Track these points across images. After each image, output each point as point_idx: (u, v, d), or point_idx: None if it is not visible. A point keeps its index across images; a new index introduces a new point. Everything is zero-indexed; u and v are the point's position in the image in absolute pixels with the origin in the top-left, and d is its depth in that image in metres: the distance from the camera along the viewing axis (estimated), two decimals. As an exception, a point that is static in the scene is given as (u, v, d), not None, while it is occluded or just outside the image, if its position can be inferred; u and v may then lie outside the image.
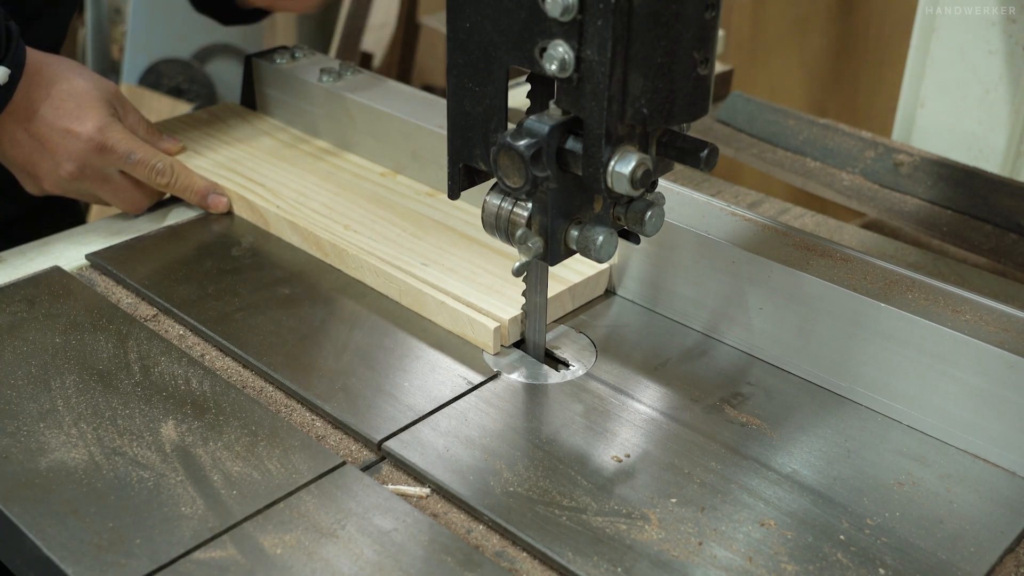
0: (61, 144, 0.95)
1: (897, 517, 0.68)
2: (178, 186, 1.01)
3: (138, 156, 0.98)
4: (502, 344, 0.83)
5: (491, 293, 0.86)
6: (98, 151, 0.96)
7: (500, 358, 0.82)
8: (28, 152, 0.96)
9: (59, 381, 0.77)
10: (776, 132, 1.25)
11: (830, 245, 0.82)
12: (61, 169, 0.96)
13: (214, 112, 1.19)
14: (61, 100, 0.95)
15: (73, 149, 0.95)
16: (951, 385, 0.73)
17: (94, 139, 0.96)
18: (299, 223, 0.96)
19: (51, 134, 0.95)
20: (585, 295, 0.89)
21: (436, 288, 0.86)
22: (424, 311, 0.87)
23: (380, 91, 1.09)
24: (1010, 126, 1.23)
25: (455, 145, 0.72)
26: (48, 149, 0.96)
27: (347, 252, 0.92)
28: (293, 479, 0.69)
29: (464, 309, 0.83)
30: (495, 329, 0.82)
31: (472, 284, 0.87)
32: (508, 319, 0.82)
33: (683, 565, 0.63)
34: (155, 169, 0.99)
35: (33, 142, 0.96)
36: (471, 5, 0.67)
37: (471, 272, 0.89)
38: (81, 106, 0.96)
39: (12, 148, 0.97)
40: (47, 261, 0.94)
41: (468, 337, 0.83)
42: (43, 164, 0.97)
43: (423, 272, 0.88)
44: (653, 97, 0.62)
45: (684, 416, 0.76)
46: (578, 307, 0.89)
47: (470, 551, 0.64)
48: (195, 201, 1.02)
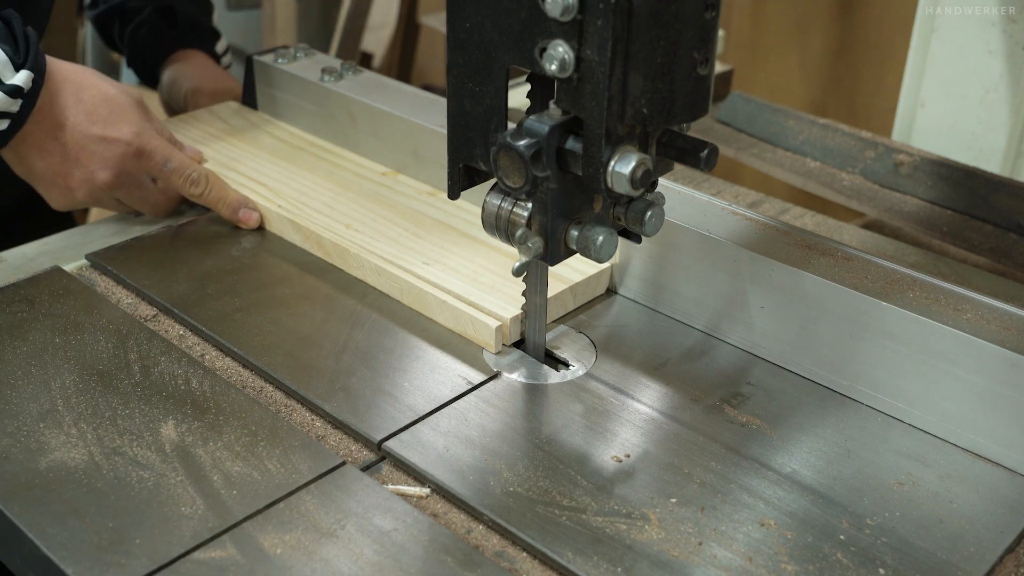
0: (97, 151, 0.93)
1: (897, 517, 0.68)
2: (211, 197, 0.99)
3: (174, 164, 0.96)
4: (504, 343, 0.83)
5: (492, 292, 0.86)
6: (136, 157, 0.94)
7: (500, 358, 0.82)
8: (59, 162, 0.93)
9: (59, 381, 0.77)
10: (776, 132, 1.25)
11: (831, 244, 0.82)
12: (97, 178, 0.94)
13: (215, 111, 1.19)
14: (93, 106, 0.93)
15: (110, 156, 0.93)
16: (952, 384, 0.73)
17: (132, 144, 0.94)
18: (300, 222, 0.96)
19: (86, 142, 0.93)
20: (587, 294, 0.89)
21: (438, 287, 0.86)
22: (426, 310, 0.87)
23: (381, 91, 1.09)
24: (1010, 126, 1.23)
25: (455, 145, 0.72)
26: (82, 158, 0.93)
27: (348, 251, 0.92)
28: (293, 479, 0.69)
29: (466, 308, 0.84)
30: (497, 328, 0.82)
31: (473, 283, 0.87)
32: (510, 318, 0.82)
33: (683, 565, 0.63)
34: (190, 179, 0.97)
35: (64, 151, 0.93)
36: (471, 5, 0.67)
37: (472, 271, 0.89)
38: (114, 112, 0.94)
39: (41, 159, 0.93)
40: (47, 261, 0.94)
41: (470, 336, 0.83)
42: (76, 173, 0.94)
43: (425, 271, 0.88)
44: (653, 97, 0.62)
45: (684, 416, 0.76)
46: (579, 306, 0.89)
47: (470, 551, 0.64)
48: (226, 214, 0.99)
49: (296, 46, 1.20)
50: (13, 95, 0.87)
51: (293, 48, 1.19)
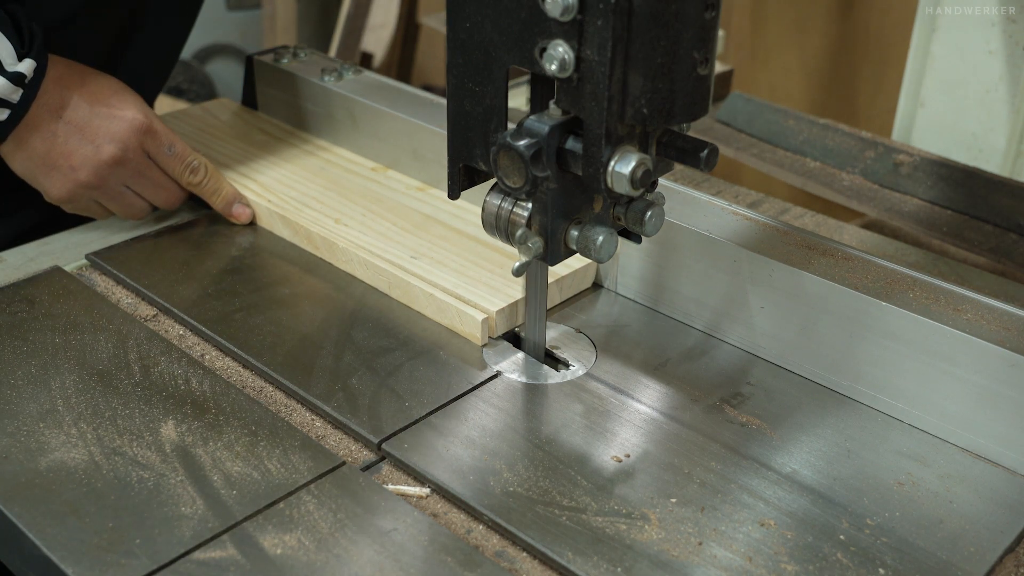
0: (103, 125, 0.92)
1: (897, 517, 0.68)
2: (208, 187, 0.99)
3: (177, 149, 0.96)
4: (490, 336, 0.83)
5: (479, 285, 0.86)
6: (143, 133, 0.94)
7: (500, 358, 0.82)
8: (62, 141, 0.92)
9: (59, 381, 0.77)
10: (776, 132, 1.25)
11: (831, 244, 0.82)
12: (102, 152, 0.92)
13: (207, 108, 1.19)
14: (98, 87, 0.93)
15: (117, 129, 0.92)
16: (952, 384, 0.73)
17: (139, 119, 0.93)
18: (290, 217, 0.96)
19: (92, 117, 0.92)
20: (572, 288, 0.90)
21: (425, 280, 0.87)
22: (413, 303, 0.87)
23: (381, 91, 1.09)
24: (1010, 126, 1.23)
25: (455, 145, 0.72)
26: (88, 132, 0.92)
27: (337, 245, 0.92)
28: (293, 479, 0.69)
29: (452, 301, 0.84)
30: (483, 320, 0.82)
31: (461, 277, 0.88)
32: (495, 311, 0.83)
33: (683, 565, 0.63)
34: (190, 166, 0.97)
35: (68, 129, 0.92)
36: (471, 5, 0.67)
37: (460, 265, 0.89)
38: (118, 93, 0.94)
39: (42, 141, 0.92)
40: (47, 261, 0.94)
41: (456, 328, 0.84)
42: (80, 151, 0.92)
43: (412, 265, 0.89)
44: (653, 97, 0.62)
45: (684, 416, 0.76)
46: (565, 300, 0.90)
47: (470, 551, 0.64)
48: (219, 207, 1.00)
49: (296, 46, 1.20)
50: (16, 82, 0.87)
51: (293, 48, 1.19)
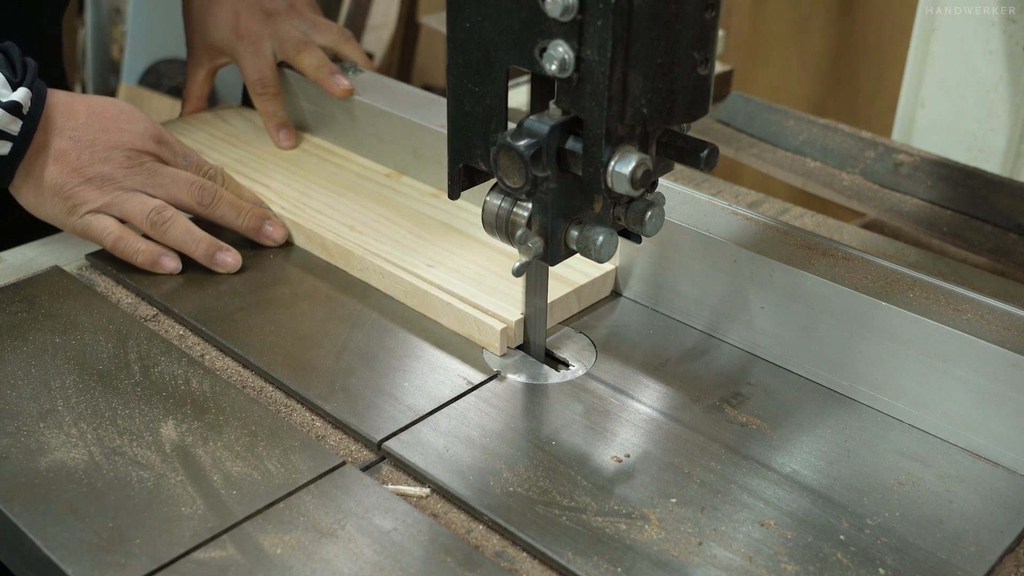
0: (113, 137, 0.91)
1: (897, 517, 0.68)
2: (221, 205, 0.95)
3: (192, 159, 0.95)
4: (508, 345, 0.83)
5: (497, 294, 0.86)
6: (155, 140, 0.93)
7: (500, 358, 0.82)
8: (75, 155, 0.90)
9: (59, 381, 0.77)
10: (776, 132, 1.25)
11: (831, 244, 0.82)
12: (112, 159, 0.90)
13: (218, 113, 1.19)
14: (104, 108, 0.92)
15: (126, 139, 0.91)
16: (952, 384, 0.73)
17: (150, 130, 0.93)
18: (304, 224, 0.96)
19: (99, 134, 0.90)
20: (591, 296, 0.89)
21: (442, 289, 0.86)
22: (430, 312, 0.86)
23: (381, 91, 1.09)
24: (1010, 126, 1.23)
25: (455, 145, 0.72)
26: (96, 145, 0.90)
27: (352, 253, 0.92)
28: (293, 479, 0.69)
29: (470, 310, 0.83)
30: (502, 330, 0.81)
31: (478, 285, 0.87)
32: (515, 320, 0.82)
33: (683, 565, 0.63)
34: (207, 174, 0.96)
35: (79, 147, 0.90)
36: (471, 5, 0.67)
37: (476, 273, 0.89)
38: (125, 112, 0.93)
39: (56, 162, 0.89)
40: (47, 261, 0.94)
41: (475, 338, 0.83)
42: (93, 164, 0.91)
43: (429, 273, 0.88)
44: (653, 97, 0.62)
45: (684, 416, 0.76)
46: (584, 309, 0.89)
47: (470, 551, 0.64)
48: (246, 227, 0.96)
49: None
50: (12, 111, 0.86)
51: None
